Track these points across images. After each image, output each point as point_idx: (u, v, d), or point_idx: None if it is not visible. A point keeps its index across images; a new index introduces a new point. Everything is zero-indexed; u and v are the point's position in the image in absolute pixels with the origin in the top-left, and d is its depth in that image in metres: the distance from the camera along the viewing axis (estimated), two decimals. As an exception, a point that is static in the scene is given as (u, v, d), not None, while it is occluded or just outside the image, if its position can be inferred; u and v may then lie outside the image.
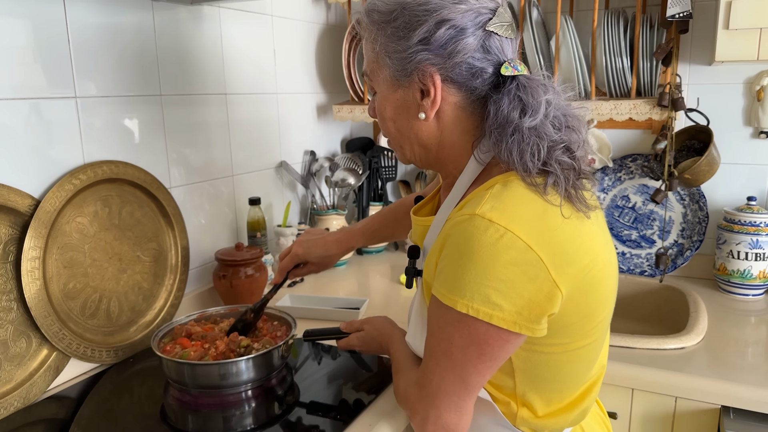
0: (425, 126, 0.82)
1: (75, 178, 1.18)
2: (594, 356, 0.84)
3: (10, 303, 1.10)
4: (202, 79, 1.53)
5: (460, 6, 0.76)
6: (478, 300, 0.70)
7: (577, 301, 0.75)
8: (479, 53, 0.77)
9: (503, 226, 0.70)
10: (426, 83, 0.78)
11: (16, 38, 1.09)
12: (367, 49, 0.84)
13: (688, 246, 1.74)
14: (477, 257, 0.70)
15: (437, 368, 0.77)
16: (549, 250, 0.71)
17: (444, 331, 0.75)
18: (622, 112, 1.59)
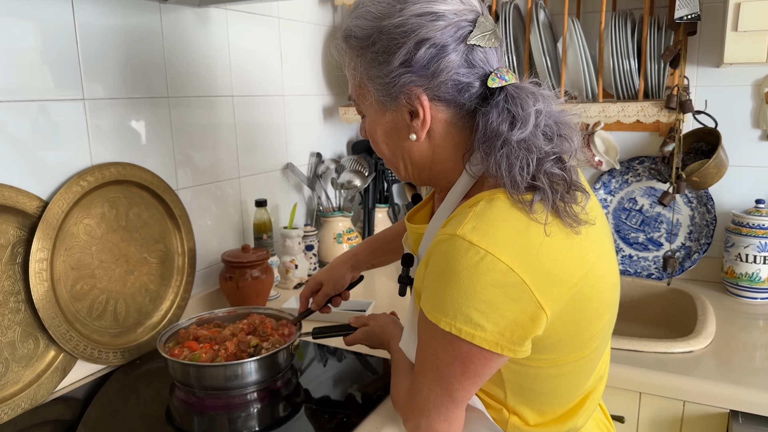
0: (417, 146, 0.81)
1: (82, 179, 1.18)
2: (589, 369, 0.82)
3: (18, 304, 1.10)
4: (209, 81, 1.53)
5: (438, 23, 0.73)
6: (461, 320, 0.69)
7: (565, 319, 0.73)
8: (464, 68, 0.75)
9: (483, 249, 0.68)
10: (414, 105, 0.76)
11: (24, 40, 1.10)
12: (349, 75, 0.82)
13: (695, 249, 1.73)
14: (458, 278, 0.69)
15: (425, 381, 0.78)
16: (532, 271, 0.69)
17: (430, 346, 0.75)
18: (630, 115, 1.58)
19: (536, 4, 1.67)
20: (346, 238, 1.89)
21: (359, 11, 0.77)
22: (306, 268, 1.76)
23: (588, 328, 0.77)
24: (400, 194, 2.25)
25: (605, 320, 0.79)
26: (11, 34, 1.08)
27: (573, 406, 0.85)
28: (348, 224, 1.93)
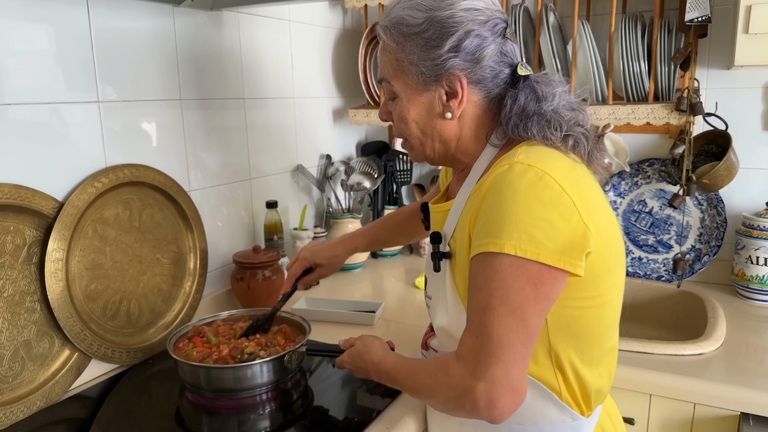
0: (448, 124, 0.91)
1: (97, 181, 1.20)
2: (615, 316, 0.91)
3: (33, 304, 1.12)
4: (220, 84, 1.55)
5: (480, 17, 0.86)
6: (525, 240, 0.75)
7: (601, 252, 0.81)
8: (498, 57, 0.88)
9: (541, 169, 0.79)
10: (454, 86, 0.88)
11: (40, 43, 1.11)
12: (388, 57, 0.91)
13: (705, 251, 1.73)
14: (521, 197, 0.77)
15: (495, 318, 0.75)
16: (579, 195, 0.79)
17: (495, 280, 0.76)
18: (640, 117, 1.58)
19: (546, 6, 1.67)
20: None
21: (412, 2, 0.88)
22: (316, 270, 1.77)
23: (614, 268, 0.86)
24: (409, 196, 2.25)
25: (622, 273, 0.90)
26: (27, 38, 1.09)
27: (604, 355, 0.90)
28: (357, 225, 1.94)
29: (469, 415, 0.78)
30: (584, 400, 0.90)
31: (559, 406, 0.89)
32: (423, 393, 0.87)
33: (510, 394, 0.75)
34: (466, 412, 0.78)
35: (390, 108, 0.96)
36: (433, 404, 0.88)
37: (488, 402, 0.75)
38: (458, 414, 0.83)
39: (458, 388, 0.78)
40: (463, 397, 0.77)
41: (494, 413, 0.75)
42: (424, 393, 0.87)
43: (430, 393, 0.85)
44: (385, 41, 0.90)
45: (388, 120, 0.98)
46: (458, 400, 0.78)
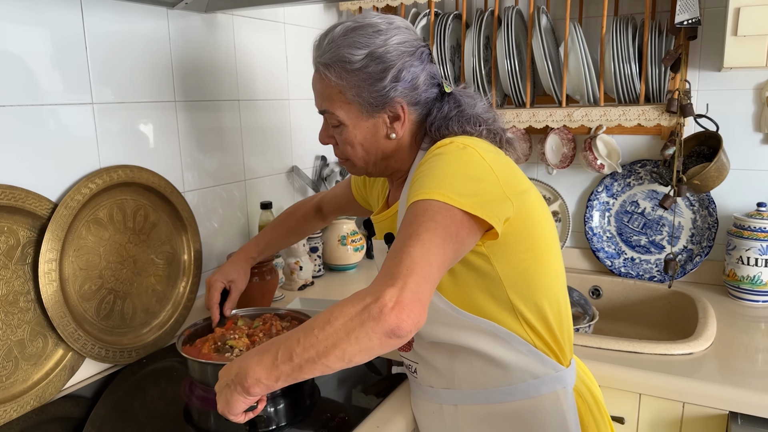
0: (390, 143, 1.02)
1: (91, 182, 1.21)
2: (558, 266, 1.01)
3: (27, 304, 1.12)
4: (215, 86, 1.56)
5: (410, 49, 0.97)
6: (452, 191, 0.83)
7: (526, 215, 0.92)
8: (428, 80, 1.01)
9: (462, 142, 0.91)
10: (396, 111, 0.99)
11: (34, 45, 1.12)
12: (330, 91, 0.99)
13: (697, 252, 1.74)
14: (447, 160, 0.88)
15: (419, 242, 0.76)
16: (499, 167, 0.89)
17: (424, 216, 0.80)
18: (631, 118, 1.60)
19: (538, 8, 1.69)
20: (350, 240, 1.91)
21: (349, 40, 0.96)
22: (310, 270, 1.78)
23: (542, 227, 0.97)
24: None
25: (555, 236, 1.01)
26: (22, 40, 1.10)
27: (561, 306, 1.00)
28: (352, 226, 1.95)
29: (373, 323, 0.72)
30: (558, 349, 0.99)
31: (539, 358, 0.97)
32: (318, 329, 0.76)
33: (418, 305, 0.72)
34: (371, 320, 0.72)
35: (332, 133, 1.04)
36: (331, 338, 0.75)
37: (396, 303, 0.71)
38: (357, 333, 0.73)
39: (366, 299, 0.73)
40: (371, 304, 0.72)
41: (401, 316, 0.71)
42: (319, 326, 0.76)
43: (329, 320, 0.75)
44: (329, 77, 0.98)
45: (329, 143, 1.07)
46: (365, 309, 0.73)
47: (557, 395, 0.98)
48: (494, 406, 1.00)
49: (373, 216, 1.14)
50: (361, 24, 0.97)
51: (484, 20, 1.75)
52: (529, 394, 0.98)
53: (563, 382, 0.99)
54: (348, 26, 0.97)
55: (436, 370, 1.03)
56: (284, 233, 1.43)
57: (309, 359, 0.76)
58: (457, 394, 1.02)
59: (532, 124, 1.72)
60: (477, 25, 1.75)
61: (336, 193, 1.39)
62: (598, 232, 1.86)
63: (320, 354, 0.75)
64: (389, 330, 0.71)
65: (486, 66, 1.78)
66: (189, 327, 1.24)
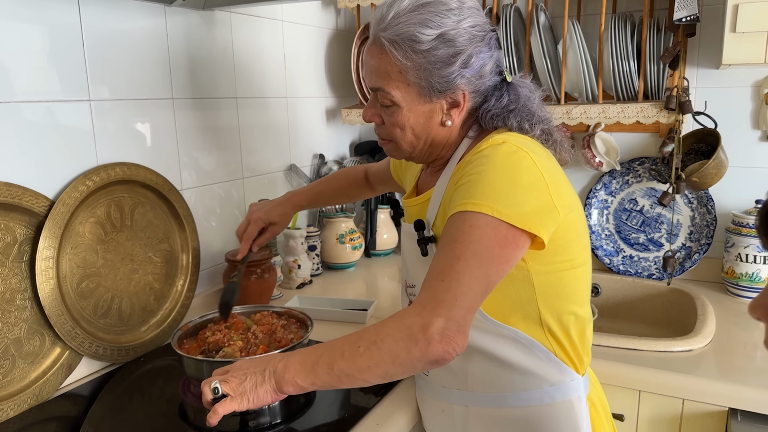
0: (443, 130, 0.96)
1: (88, 179, 1.20)
2: (589, 278, 1.00)
3: (24, 302, 1.12)
4: (213, 83, 1.55)
5: (480, 33, 0.92)
6: (500, 203, 0.82)
7: (568, 227, 0.90)
8: (494, 69, 0.95)
9: (515, 145, 0.87)
10: (457, 98, 0.93)
11: (32, 43, 1.12)
12: (390, 69, 0.91)
13: (696, 249, 1.74)
14: (498, 166, 0.85)
15: (467, 268, 0.79)
16: (549, 174, 0.87)
17: (472, 235, 0.81)
18: (630, 116, 1.60)
19: (537, 6, 1.69)
20: (349, 239, 1.91)
21: (418, 17, 0.89)
22: (309, 268, 1.77)
23: (581, 238, 0.95)
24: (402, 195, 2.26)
25: (589, 249, 0.99)
26: (19, 37, 1.10)
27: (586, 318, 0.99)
28: (351, 225, 1.94)
29: (420, 353, 0.76)
30: (577, 358, 0.97)
31: (557, 366, 0.95)
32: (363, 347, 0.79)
33: (462, 336, 0.77)
34: (418, 350, 0.76)
35: (381, 113, 0.97)
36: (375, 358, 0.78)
37: (442, 336, 0.76)
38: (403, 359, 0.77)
39: (413, 325, 0.77)
40: (418, 333, 0.76)
41: (447, 348, 0.76)
42: (365, 346, 0.79)
43: (375, 342, 0.78)
44: (393, 55, 0.90)
45: (374, 122, 1.00)
46: (411, 337, 0.76)
47: (572, 403, 0.97)
48: (507, 410, 0.98)
49: (404, 199, 1.11)
50: (431, 0, 0.90)
51: (483, 18, 1.74)
52: (543, 401, 0.96)
53: (578, 391, 0.97)
54: (417, 0, 0.90)
55: (449, 370, 1.01)
56: (336, 190, 1.40)
57: (349, 373, 0.80)
58: (469, 395, 1.00)
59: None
60: (475, 23, 1.74)
61: (380, 166, 1.36)
62: (597, 230, 1.86)
63: (362, 371, 0.79)
64: (434, 360, 0.77)
65: (484, 64, 1.77)
66: (186, 324, 1.23)
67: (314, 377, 0.81)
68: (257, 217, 1.30)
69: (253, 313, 1.29)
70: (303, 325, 1.24)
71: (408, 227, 1.03)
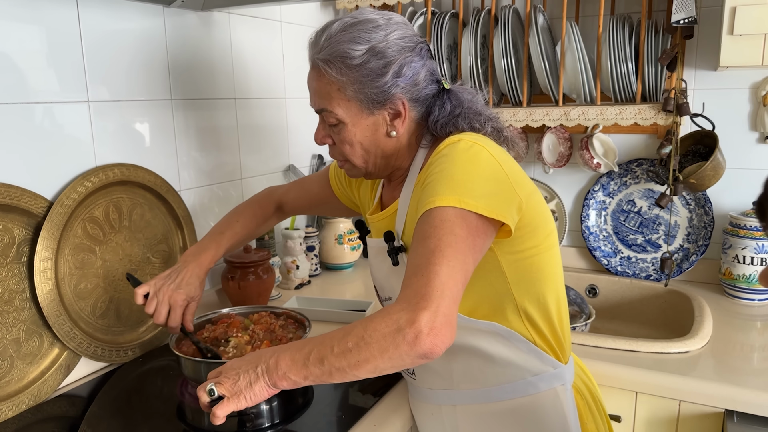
0: (390, 141, 1.00)
1: (87, 180, 1.20)
2: (559, 262, 1.03)
3: (23, 302, 1.12)
4: (211, 84, 1.55)
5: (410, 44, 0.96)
6: (466, 195, 0.84)
7: (531, 213, 0.93)
8: (428, 76, 0.99)
9: (471, 140, 0.91)
10: (397, 108, 0.97)
11: (30, 43, 1.12)
12: (329, 88, 0.96)
13: (693, 250, 1.74)
14: (458, 161, 0.88)
15: (444, 260, 0.80)
16: (507, 166, 0.91)
17: (443, 228, 0.83)
18: (627, 117, 1.60)
19: (535, 8, 1.69)
20: (347, 239, 1.91)
21: (348, 36, 0.94)
22: (307, 269, 1.78)
23: (546, 222, 0.98)
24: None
25: (556, 233, 1.01)
26: (17, 38, 1.10)
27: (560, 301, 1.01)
28: (349, 225, 1.95)
29: (408, 347, 0.76)
30: (558, 345, 1.00)
31: (539, 356, 0.98)
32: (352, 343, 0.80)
33: (449, 327, 0.78)
34: (406, 344, 0.76)
35: (329, 133, 1.02)
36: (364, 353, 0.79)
37: (431, 329, 0.76)
38: (391, 353, 0.78)
39: (400, 320, 0.77)
40: (405, 328, 0.76)
41: (436, 341, 0.76)
42: (353, 341, 0.79)
43: (363, 337, 0.79)
44: (329, 73, 0.95)
45: (325, 143, 1.04)
46: (399, 332, 0.77)
47: (556, 392, 0.98)
48: (493, 405, 1.00)
49: (369, 215, 1.13)
50: (359, 20, 0.95)
51: (481, 19, 1.75)
52: (528, 392, 0.98)
53: (562, 379, 0.99)
54: (346, 22, 0.95)
55: (434, 372, 1.03)
56: (244, 237, 1.30)
57: (340, 368, 0.80)
58: (455, 394, 1.02)
59: (529, 123, 1.72)
60: (474, 24, 1.75)
61: (306, 190, 1.31)
62: (595, 231, 1.86)
63: (352, 366, 0.80)
64: (423, 354, 0.77)
65: (483, 65, 1.78)
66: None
67: (306, 372, 0.82)
68: (177, 299, 1.13)
69: (251, 314, 1.30)
70: (301, 325, 1.24)
71: (375, 242, 1.06)
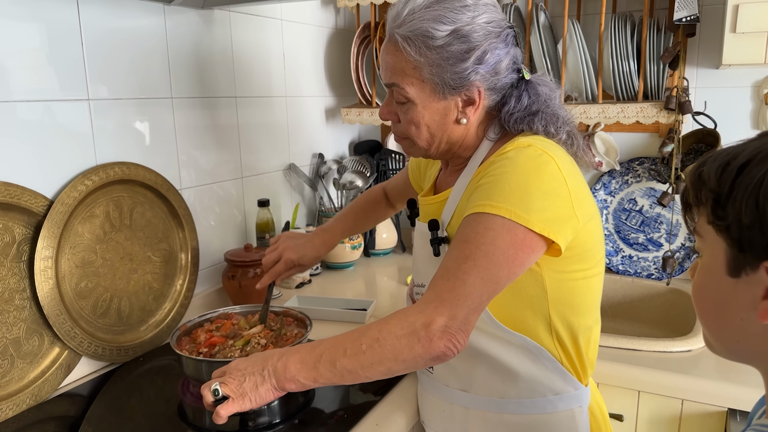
0: (459, 128, 0.95)
1: (87, 179, 1.20)
2: (600, 288, 0.99)
3: (23, 301, 1.11)
4: (212, 82, 1.55)
5: (496, 29, 0.90)
6: (519, 206, 0.81)
7: (586, 237, 0.89)
8: (511, 66, 0.93)
9: (541, 149, 0.86)
10: (472, 95, 0.92)
11: (30, 41, 1.11)
12: (405, 65, 0.91)
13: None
14: (521, 169, 0.84)
15: (475, 269, 0.79)
16: (573, 182, 0.86)
17: (485, 236, 0.81)
18: (629, 116, 1.60)
19: (537, 6, 1.68)
20: (348, 239, 1.91)
21: (433, 13, 0.88)
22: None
23: (599, 248, 0.94)
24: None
25: (604, 258, 0.98)
26: (18, 36, 1.09)
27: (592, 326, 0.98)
28: (350, 224, 1.94)
29: (422, 350, 0.77)
30: (581, 368, 0.97)
31: (563, 375, 0.95)
32: (366, 345, 0.80)
33: (463, 335, 0.78)
34: (420, 346, 0.77)
35: (396, 110, 0.97)
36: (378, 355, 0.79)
37: (443, 333, 0.77)
38: (405, 356, 0.78)
39: (416, 322, 0.78)
40: (420, 330, 0.77)
41: (449, 345, 0.77)
42: (367, 343, 0.80)
43: (378, 339, 0.79)
44: (407, 51, 0.90)
45: (390, 119, 0.99)
46: (414, 334, 0.78)
47: (573, 413, 0.96)
48: (508, 416, 0.97)
49: (420, 196, 1.09)
50: None
51: (482, 17, 1.74)
52: (546, 410, 0.96)
53: (580, 401, 0.97)
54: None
55: (455, 371, 1.01)
56: (363, 221, 1.38)
57: (352, 370, 0.80)
58: (472, 398, 1.00)
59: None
60: (475, 22, 1.74)
61: (397, 180, 1.35)
62: (596, 230, 1.86)
63: (364, 367, 0.80)
64: (435, 356, 0.77)
65: (484, 63, 1.77)
66: (185, 323, 1.23)
67: (316, 374, 0.82)
68: (289, 257, 1.25)
69: (251, 313, 1.29)
70: (302, 324, 1.24)
71: (422, 226, 1.02)
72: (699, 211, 0.56)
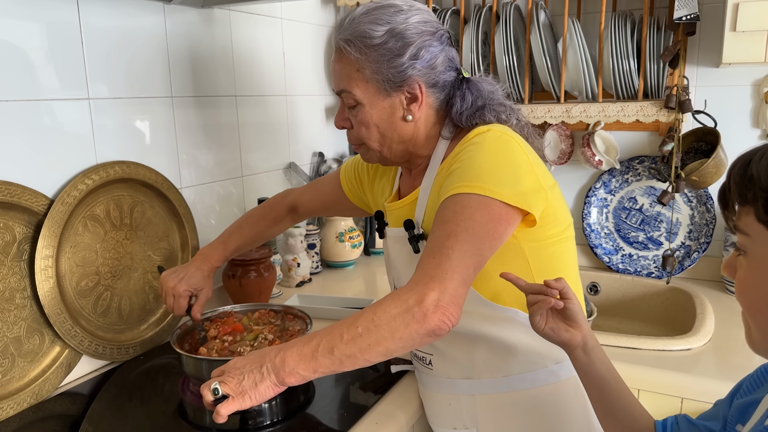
0: (407, 126, 1.00)
1: (88, 178, 1.20)
2: (575, 252, 1.06)
3: (24, 300, 1.12)
4: (212, 81, 1.55)
5: (430, 29, 0.98)
6: (492, 182, 0.86)
7: (554, 204, 0.96)
8: (446, 63, 1.00)
9: (500, 131, 0.94)
10: (414, 91, 0.98)
11: (30, 41, 1.11)
12: (349, 69, 0.98)
13: (695, 248, 1.74)
14: (488, 150, 0.91)
15: (458, 243, 0.83)
16: (533, 157, 0.94)
17: (463, 214, 0.85)
18: (629, 114, 1.60)
19: (537, 4, 1.68)
20: (348, 237, 1.91)
21: (370, 17, 0.96)
22: (308, 267, 1.77)
23: (565, 213, 1.01)
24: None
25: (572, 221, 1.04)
26: (18, 35, 1.09)
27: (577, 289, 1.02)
28: (350, 223, 1.94)
29: (417, 325, 0.78)
30: None
31: None
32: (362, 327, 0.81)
33: (456, 307, 0.80)
34: (415, 322, 0.78)
35: (348, 116, 1.02)
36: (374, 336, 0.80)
37: (436, 307, 0.79)
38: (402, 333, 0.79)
39: (409, 300, 0.80)
40: (414, 307, 0.79)
41: (443, 318, 0.79)
42: (363, 325, 0.80)
43: (373, 320, 0.80)
44: (349, 53, 0.96)
45: (345, 127, 1.04)
46: (408, 311, 0.79)
47: (576, 380, 0.96)
48: (514, 394, 0.99)
49: (387, 203, 1.12)
50: (382, 4, 0.98)
51: (482, 16, 1.74)
52: (549, 380, 0.99)
53: None
54: (369, 6, 0.98)
55: (454, 361, 1.02)
56: (252, 237, 1.33)
57: (351, 355, 0.81)
58: (476, 383, 1.01)
59: (530, 120, 1.72)
60: (475, 21, 1.74)
61: (319, 192, 1.32)
62: (596, 229, 1.86)
63: (363, 350, 0.81)
64: (431, 331, 0.79)
65: (484, 62, 1.77)
66: (185, 322, 1.23)
67: (315, 364, 0.82)
68: (180, 291, 1.20)
69: (252, 312, 1.30)
70: (302, 323, 1.24)
71: (394, 232, 1.07)
72: (745, 209, 0.56)
